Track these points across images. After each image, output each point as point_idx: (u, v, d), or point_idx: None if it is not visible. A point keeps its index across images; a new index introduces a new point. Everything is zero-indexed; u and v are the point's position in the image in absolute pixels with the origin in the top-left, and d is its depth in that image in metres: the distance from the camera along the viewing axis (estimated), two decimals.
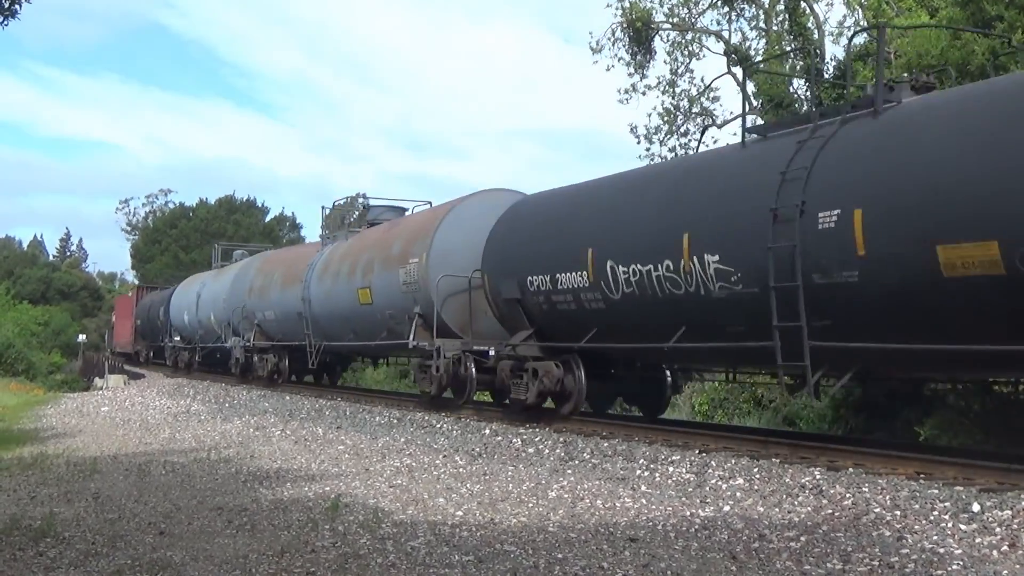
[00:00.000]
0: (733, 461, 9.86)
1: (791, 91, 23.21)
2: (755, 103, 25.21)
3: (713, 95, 27.55)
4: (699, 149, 26.64)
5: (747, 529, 7.01)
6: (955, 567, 5.80)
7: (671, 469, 9.82)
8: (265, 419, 17.18)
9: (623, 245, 11.93)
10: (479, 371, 15.65)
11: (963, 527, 6.77)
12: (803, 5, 23.97)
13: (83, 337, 52.48)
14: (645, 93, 27.90)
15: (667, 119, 27.47)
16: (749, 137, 11.38)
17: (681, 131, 27.57)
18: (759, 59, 20.23)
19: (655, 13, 26.85)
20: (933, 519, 7.03)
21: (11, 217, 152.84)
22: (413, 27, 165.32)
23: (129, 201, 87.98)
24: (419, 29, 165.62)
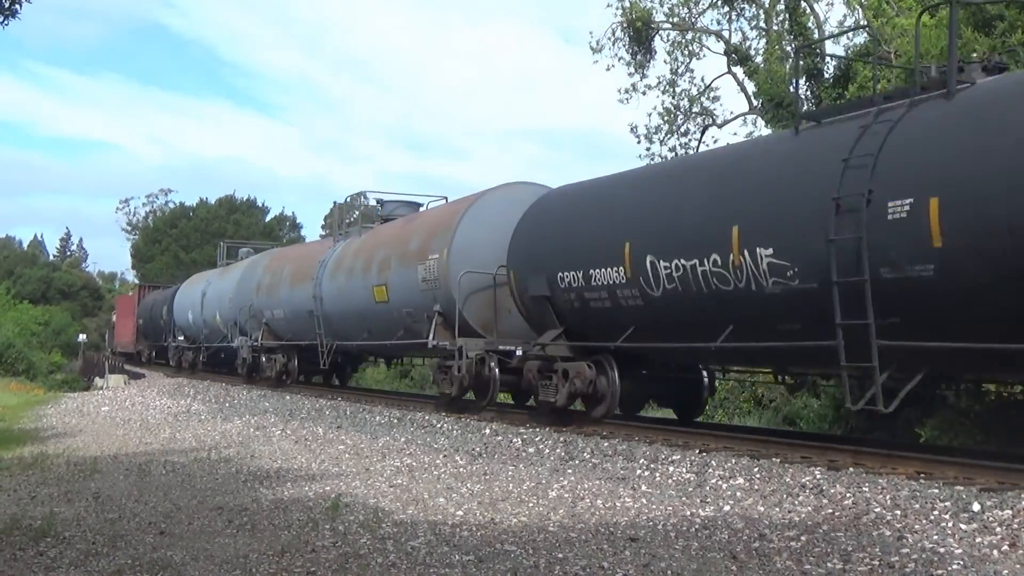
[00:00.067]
0: (733, 461, 9.86)
1: (791, 91, 23.24)
2: (755, 103, 25.27)
3: (713, 95, 27.65)
4: (699, 149, 26.67)
5: (747, 529, 7.01)
6: (955, 567, 5.80)
7: (671, 469, 9.82)
8: (265, 419, 17.19)
9: (664, 239, 11.26)
10: (502, 372, 15.13)
11: (963, 527, 6.77)
12: (803, 5, 23.97)
13: (83, 337, 52.56)
14: (645, 93, 27.99)
15: (667, 119, 27.52)
16: (802, 124, 10.64)
17: (681, 131, 27.64)
18: (806, 43, 18.23)
19: (655, 13, 26.93)
20: (933, 519, 7.03)
21: (11, 217, 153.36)
22: (413, 27, 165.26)
23: (129, 201, 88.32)
24: (419, 29, 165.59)
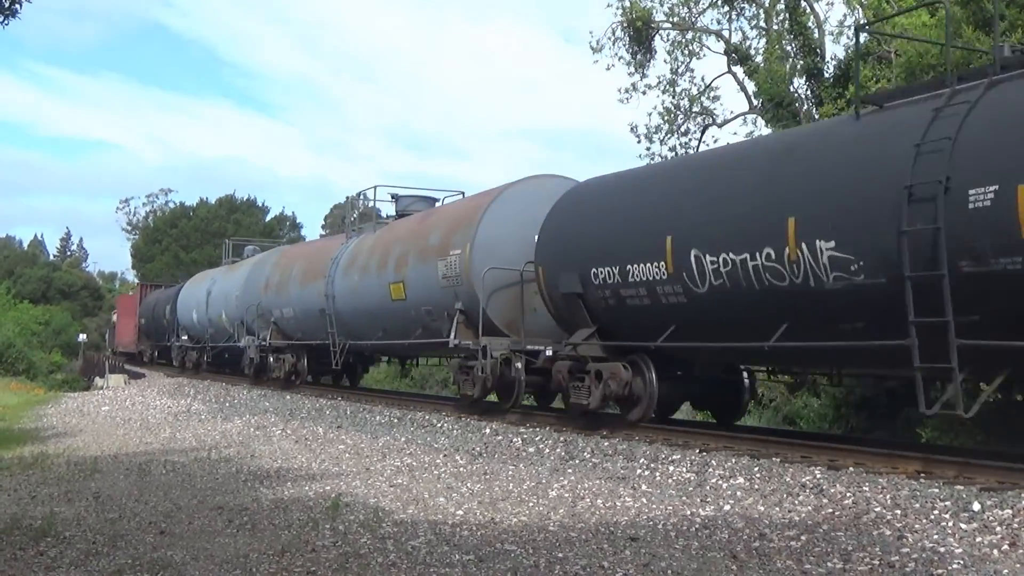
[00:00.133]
0: (733, 460, 9.85)
1: (791, 90, 23.24)
2: (755, 103, 25.28)
3: (713, 94, 27.67)
4: (699, 148, 26.67)
5: (748, 528, 7.01)
6: (955, 566, 5.80)
7: (672, 468, 9.82)
8: (266, 418, 17.19)
9: (711, 232, 10.63)
10: (527, 373, 14.62)
11: (963, 526, 6.77)
12: (803, 4, 23.97)
13: (84, 337, 52.59)
14: (645, 92, 28.01)
15: (667, 118, 27.54)
16: (863, 108, 9.97)
17: (681, 131, 27.67)
18: (870, 21, 16.31)
19: (655, 12, 26.93)
20: (933, 518, 7.03)
21: (11, 217, 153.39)
22: (413, 27, 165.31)
23: (129, 201, 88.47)
24: (419, 29, 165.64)
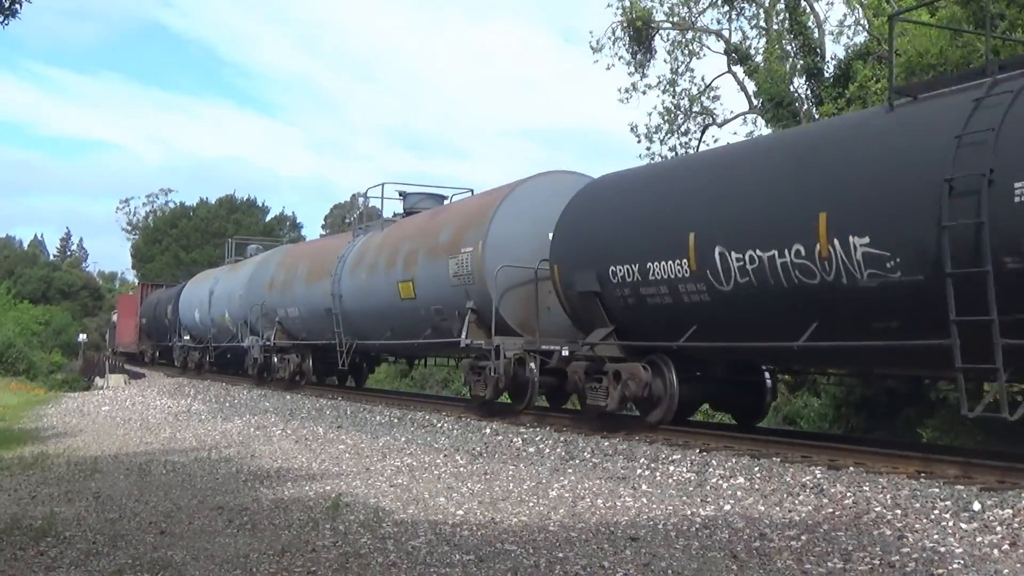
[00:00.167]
0: (734, 460, 9.85)
1: (791, 90, 23.24)
2: (755, 102, 25.28)
3: (713, 94, 27.69)
4: (699, 148, 26.66)
5: (748, 528, 7.01)
6: (956, 566, 5.80)
7: (672, 468, 9.82)
8: (266, 418, 17.19)
9: (736, 228, 10.31)
10: (540, 373, 14.40)
11: (964, 526, 6.77)
12: (803, 4, 23.98)
13: (84, 337, 52.65)
14: (645, 92, 28.02)
15: (667, 118, 27.55)
16: (896, 99, 9.59)
17: (681, 130, 27.68)
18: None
19: (655, 12, 26.94)
20: (934, 518, 7.03)
21: (11, 217, 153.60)
22: (413, 27, 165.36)
23: (129, 200, 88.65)
24: (419, 29, 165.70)
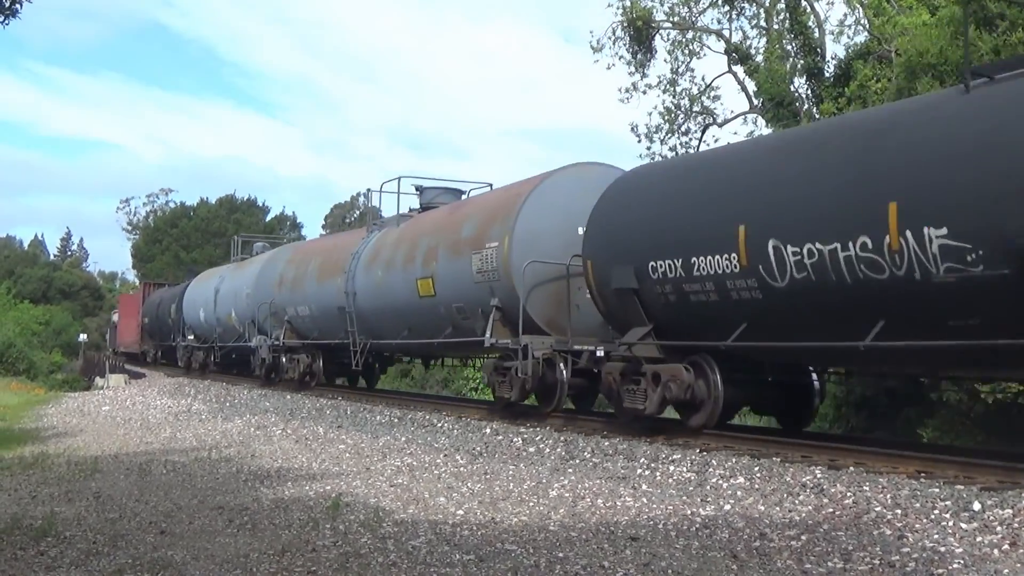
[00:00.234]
0: (734, 460, 9.85)
1: (792, 90, 23.24)
2: (755, 102, 25.27)
3: (714, 94, 27.70)
4: (699, 148, 26.66)
5: (748, 528, 7.01)
6: (956, 566, 5.80)
7: (672, 468, 9.81)
8: (266, 418, 17.19)
9: (792, 220, 9.74)
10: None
11: (964, 526, 6.77)
12: (804, 4, 23.97)
13: (84, 336, 52.63)
14: (646, 92, 28.01)
15: (668, 118, 27.55)
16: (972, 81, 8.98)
17: (682, 130, 27.68)
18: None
19: (655, 12, 26.92)
20: (934, 518, 7.03)
21: (11, 217, 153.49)
22: (413, 27, 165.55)
23: (130, 200, 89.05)
24: (419, 29, 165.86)
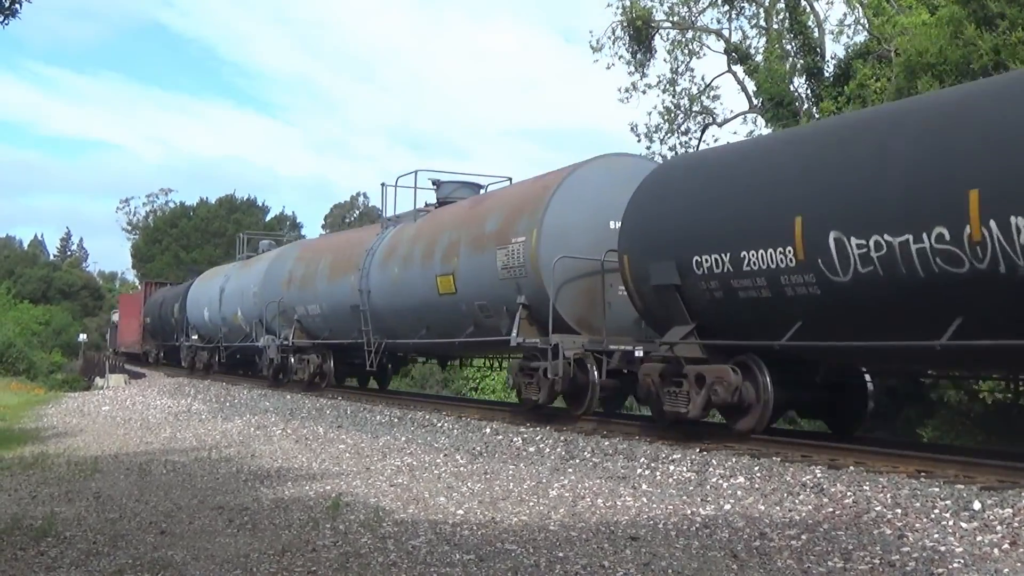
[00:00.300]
0: (734, 460, 9.84)
1: (791, 89, 23.25)
2: (755, 102, 25.28)
3: (713, 94, 27.76)
4: (699, 147, 26.67)
5: (748, 527, 7.01)
6: (956, 565, 5.80)
7: (672, 468, 9.81)
8: (266, 418, 17.20)
9: (857, 210, 9.04)
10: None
11: (964, 525, 6.77)
12: (803, 3, 23.99)
13: (84, 336, 52.63)
14: (645, 92, 28.06)
15: (667, 118, 27.60)
16: None
17: (681, 130, 27.72)
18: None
19: (655, 12, 26.96)
20: (934, 517, 7.03)
21: (11, 217, 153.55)
22: (413, 27, 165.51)
23: (130, 200, 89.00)
24: (419, 29, 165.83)
